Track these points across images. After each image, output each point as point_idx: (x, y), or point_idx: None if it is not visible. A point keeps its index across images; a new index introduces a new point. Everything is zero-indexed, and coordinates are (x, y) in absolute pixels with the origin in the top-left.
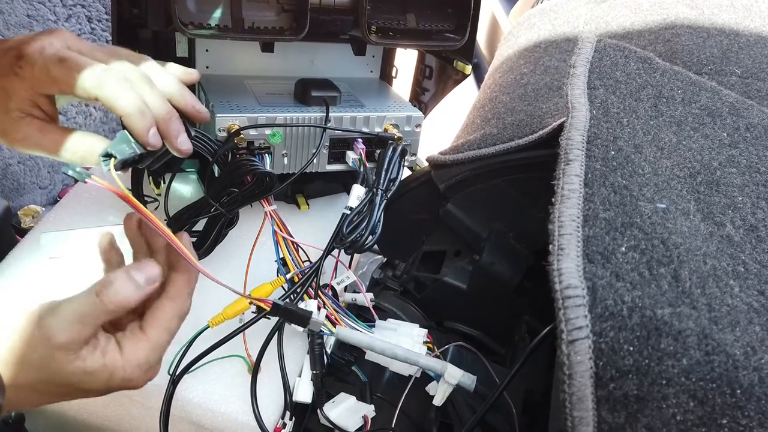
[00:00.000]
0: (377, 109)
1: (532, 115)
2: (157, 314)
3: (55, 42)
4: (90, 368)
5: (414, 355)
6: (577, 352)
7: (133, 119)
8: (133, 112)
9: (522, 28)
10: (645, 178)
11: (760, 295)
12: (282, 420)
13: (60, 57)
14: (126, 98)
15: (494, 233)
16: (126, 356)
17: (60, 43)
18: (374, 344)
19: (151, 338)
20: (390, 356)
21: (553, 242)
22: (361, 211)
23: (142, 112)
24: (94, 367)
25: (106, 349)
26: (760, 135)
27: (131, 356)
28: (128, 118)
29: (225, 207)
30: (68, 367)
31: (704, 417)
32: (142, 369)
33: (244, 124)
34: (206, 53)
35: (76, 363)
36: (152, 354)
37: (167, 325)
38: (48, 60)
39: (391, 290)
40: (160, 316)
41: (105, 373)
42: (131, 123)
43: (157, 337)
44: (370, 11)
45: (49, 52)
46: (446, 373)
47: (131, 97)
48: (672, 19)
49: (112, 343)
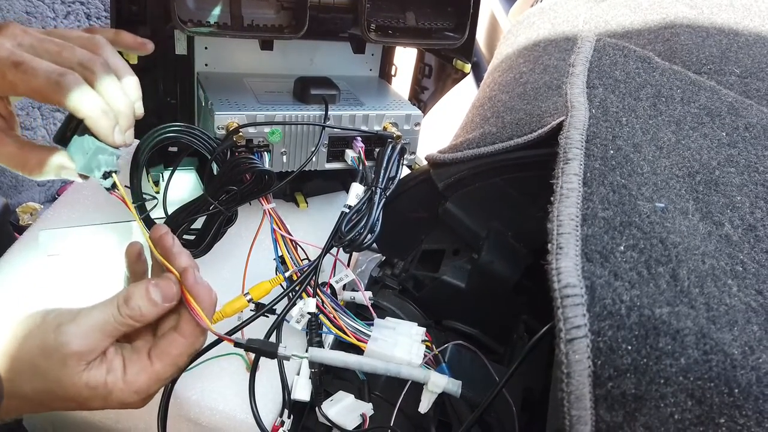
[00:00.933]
0: (376, 108)
1: (531, 114)
2: (168, 348)
3: (5, 43)
4: (93, 383)
5: (394, 367)
6: (575, 351)
7: (96, 121)
8: (96, 113)
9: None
10: (644, 178)
11: (758, 295)
12: (280, 418)
13: (14, 61)
14: (86, 101)
15: (493, 232)
16: (127, 380)
17: (10, 42)
18: (349, 361)
19: (155, 370)
20: (369, 371)
21: (552, 241)
22: (360, 210)
23: (104, 113)
24: (96, 382)
25: (111, 366)
26: (759, 135)
27: (132, 381)
28: (91, 121)
29: (224, 205)
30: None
31: (702, 416)
32: (139, 396)
33: (243, 122)
34: (205, 51)
35: (83, 374)
36: (153, 384)
37: (175, 360)
38: (2, 63)
39: (389, 289)
40: (171, 351)
41: (104, 390)
42: (95, 125)
43: (162, 370)
44: (369, 9)
45: (2, 55)
46: (429, 381)
47: (92, 99)
48: (671, 18)
49: (117, 359)
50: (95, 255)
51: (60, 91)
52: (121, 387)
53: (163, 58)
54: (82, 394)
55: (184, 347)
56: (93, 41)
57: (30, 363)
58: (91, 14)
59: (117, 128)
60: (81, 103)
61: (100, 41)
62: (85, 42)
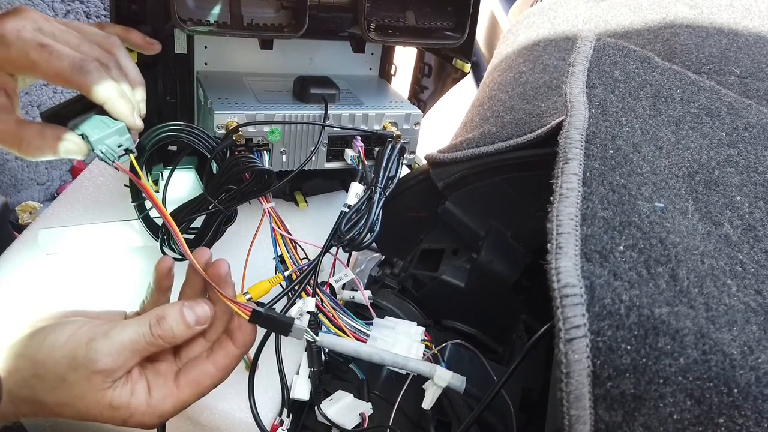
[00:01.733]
0: (376, 107)
1: (531, 114)
2: (197, 376)
3: (28, 25)
4: (116, 403)
5: (402, 359)
6: (574, 351)
7: (116, 104)
8: (116, 96)
9: (521, 27)
10: (643, 177)
11: (758, 295)
12: (279, 417)
13: (39, 42)
14: (106, 86)
15: (492, 232)
16: (152, 403)
17: (32, 25)
18: (360, 350)
19: (182, 396)
20: (377, 362)
21: (552, 241)
22: (360, 209)
23: (123, 96)
24: (120, 402)
25: (135, 388)
26: (759, 135)
27: (157, 405)
28: (112, 103)
29: (223, 204)
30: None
31: (701, 416)
32: (162, 420)
33: (242, 121)
34: (205, 50)
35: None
36: (177, 410)
37: (201, 389)
38: (27, 44)
39: (389, 288)
40: (200, 380)
41: (126, 412)
42: (116, 108)
43: (188, 396)
44: (369, 8)
45: (27, 36)
46: (435, 375)
47: (111, 84)
48: (671, 18)
49: (142, 382)
50: (94, 254)
51: (84, 75)
52: (143, 411)
53: (163, 57)
54: (103, 413)
55: (213, 378)
56: (109, 41)
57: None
58: (90, 13)
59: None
60: (102, 87)
61: (115, 42)
62: (101, 41)
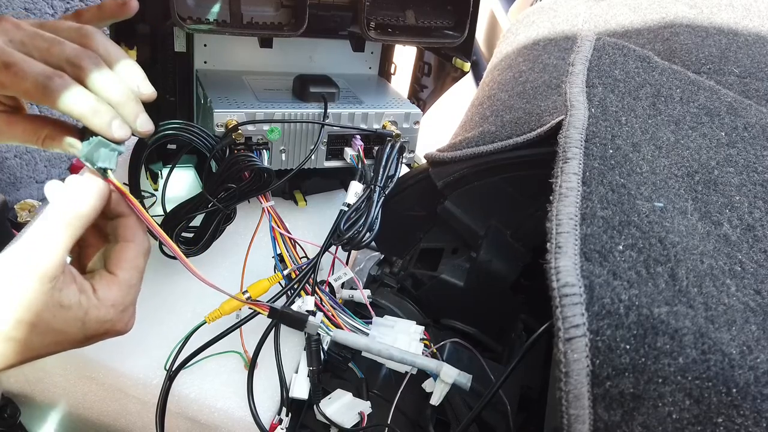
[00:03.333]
0: (376, 106)
1: (531, 113)
2: (121, 256)
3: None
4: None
5: (410, 355)
6: (573, 350)
7: (90, 120)
8: (87, 112)
9: (521, 26)
10: (643, 177)
11: (757, 295)
12: (278, 416)
13: (4, 61)
14: (76, 102)
15: (491, 231)
16: (99, 295)
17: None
18: (371, 346)
19: (121, 278)
20: (386, 357)
21: (551, 240)
22: (359, 208)
23: (95, 111)
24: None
25: (83, 287)
26: (758, 134)
27: (104, 296)
28: (85, 120)
29: (222, 203)
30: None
31: (700, 416)
32: (117, 309)
33: (242, 119)
34: (204, 48)
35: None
36: (125, 293)
37: (134, 263)
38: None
39: (388, 287)
40: (125, 257)
41: (80, 310)
42: (90, 124)
43: (127, 276)
44: (369, 7)
45: None
46: (442, 372)
47: (82, 99)
48: (671, 17)
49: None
50: None
51: (49, 95)
52: (96, 303)
53: (162, 55)
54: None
55: (135, 249)
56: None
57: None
58: None
59: (116, 122)
60: (70, 105)
61: (88, 32)
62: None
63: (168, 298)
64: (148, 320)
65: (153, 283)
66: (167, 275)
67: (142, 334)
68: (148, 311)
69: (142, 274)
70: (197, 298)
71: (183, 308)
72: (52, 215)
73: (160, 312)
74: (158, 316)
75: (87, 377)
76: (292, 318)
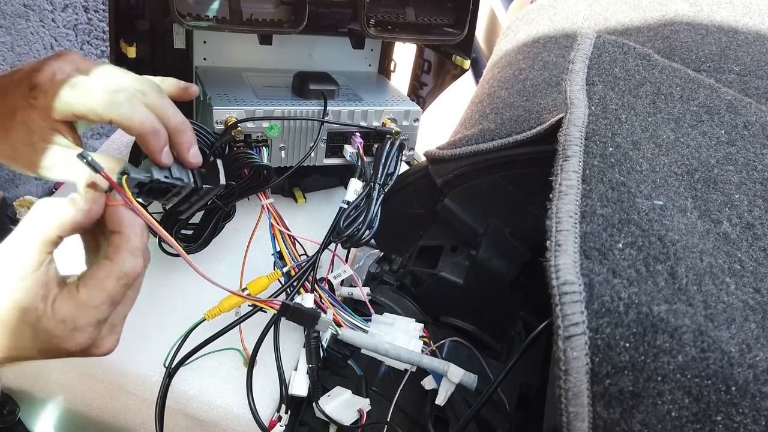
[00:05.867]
0: (375, 104)
1: (530, 111)
2: (92, 272)
3: (64, 67)
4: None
5: (417, 356)
6: (573, 348)
7: (146, 139)
8: (147, 131)
9: (521, 23)
10: (643, 175)
11: (756, 293)
12: (278, 413)
13: (71, 82)
14: (139, 119)
15: (491, 229)
16: (55, 307)
17: (69, 67)
18: (378, 346)
19: (80, 297)
20: (394, 357)
21: (551, 238)
22: (359, 206)
23: (155, 132)
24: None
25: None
26: (758, 133)
27: (57, 310)
28: (142, 138)
29: (222, 200)
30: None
31: (699, 413)
32: (66, 327)
33: (241, 116)
34: (204, 45)
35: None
36: (78, 313)
37: (101, 285)
38: (59, 86)
39: (387, 285)
40: (94, 275)
41: (33, 316)
42: (145, 143)
43: (87, 297)
44: (369, 4)
45: (60, 78)
46: (449, 372)
47: (144, 117)
48: (671, 15)
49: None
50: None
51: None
52: (48, 314)
53: (162, 52)
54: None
55: (110, 269)
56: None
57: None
58: (89, 7)
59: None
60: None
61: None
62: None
63: (167, 296)
64: (147, 317)
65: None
66: (166, 273)
67: (141, 331)
68: (147, 308)
69: (109, 298)
70: (196, 296)
71: (182, 305)
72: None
73: (160, 309)
74: (157, 313)
75: (86, 374)
76: (304, 314)
